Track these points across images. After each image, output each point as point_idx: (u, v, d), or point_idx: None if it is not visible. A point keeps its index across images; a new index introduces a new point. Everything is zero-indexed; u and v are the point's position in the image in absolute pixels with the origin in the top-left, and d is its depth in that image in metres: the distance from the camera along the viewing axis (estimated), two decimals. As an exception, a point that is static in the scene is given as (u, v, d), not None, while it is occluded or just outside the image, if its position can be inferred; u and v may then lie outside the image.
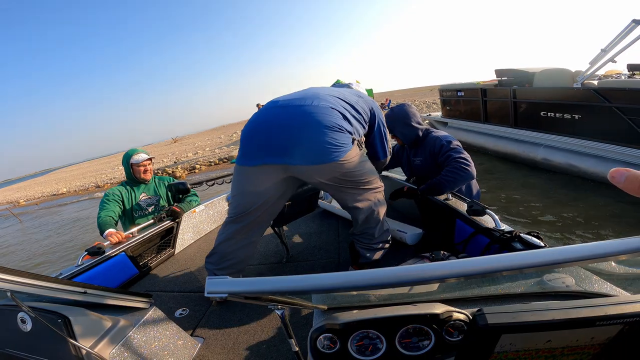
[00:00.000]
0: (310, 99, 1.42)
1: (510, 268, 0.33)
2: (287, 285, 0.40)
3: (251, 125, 1.46)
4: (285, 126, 1.37)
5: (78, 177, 25.79)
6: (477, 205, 1.56)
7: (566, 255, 0.32)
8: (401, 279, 0.36)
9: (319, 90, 1.53)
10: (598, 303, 0.36)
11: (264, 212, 1.53)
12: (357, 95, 1.63)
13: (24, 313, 0.99)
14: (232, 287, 0.41)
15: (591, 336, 0.37)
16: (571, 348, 0.38)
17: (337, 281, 0.38)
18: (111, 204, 2.29)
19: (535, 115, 5.42)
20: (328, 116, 1.35)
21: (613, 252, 0.31)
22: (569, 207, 4.14)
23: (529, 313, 0.36)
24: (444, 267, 0.34)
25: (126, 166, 2.49)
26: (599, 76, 5.06)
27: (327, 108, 1.38)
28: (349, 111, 1.47)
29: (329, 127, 1.33)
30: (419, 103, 22.36)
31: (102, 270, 1.85)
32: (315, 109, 1.37)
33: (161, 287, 2.00)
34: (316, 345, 0.73)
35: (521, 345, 0.38)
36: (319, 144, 1.31)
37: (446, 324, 0.71)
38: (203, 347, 1.39)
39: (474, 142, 7.21)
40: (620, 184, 0.30)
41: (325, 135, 1.31)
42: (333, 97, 1.48)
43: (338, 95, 1.52)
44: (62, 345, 0.97)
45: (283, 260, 2.08)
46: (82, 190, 17.49)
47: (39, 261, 6.81)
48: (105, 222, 2.16)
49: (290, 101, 1.45)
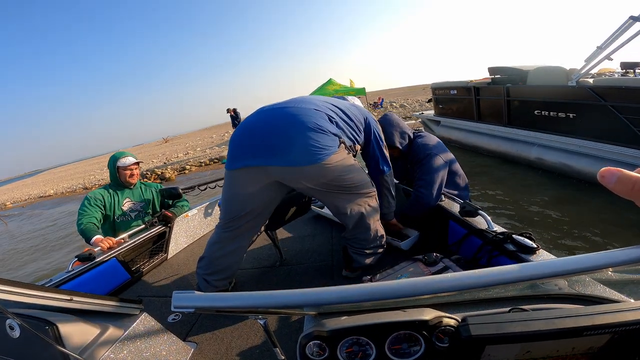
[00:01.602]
0: (296, 102, 1.43)
1: (504, 282, 0.33)
2: (252, 301, 0.40)
3: (238, 131, 1.47)
4: (267, 128, 1.37)
5: (66, 179, 25.45)
6: (470, 206, 1.58)
7: (561, 268, 0.32)
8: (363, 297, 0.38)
9: (308, 96, 1.54)
10: (583, 312, 0.35)
11: (253, 218, 1.53)
12: (350, 104, 1.62)
13: (11, 320, 0.99)
14: (198, 302, 0.40)
15: (572, 346, 0.36)
16: (552, 358, 0.38)
17: (301, 298, 0.39)
18: (92, 209, 2.21)
19: (529, 114, 5.40)
20: (311, 117, 1.34)
21: (614, 263, 0.31)
22: (562, 207, 4.12)
23: (514, 323, 0.36)
24: (434, 282, 0.35)
25: (112, 168, 2.41)
26: (593, 74, 5.00)
27: (311, 110, 1.38)
28: (337, 114, 1.46)
29: (312, 129, 1.31)
30: (412, 102, 22.38)
31: (93, 276, 1.83)
32: (298, 110, 1.37)
33: (154, 292, 2.00)
34: (305, 352, 0.73)
35: (506, 355, 0.38)
36: (301, 145, 1.30)
37: (436, 330, 0.70)
38: (196, 352, 1.39)
39: (466, 140, 7.20)
40: (610, 185, 0.29)
41: (307, 137, 1.30)
42: (321, 101, 1.48)
43: (327, 100, 1.52)
44: (51, 352, 0.98)
45: (277, 263, 2.08)
46: (69, 191, 17.21)
47: (23, 266, 6.65)
48: (89, 229, 2.09)
49: (276, 105, 1.47)
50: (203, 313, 0.37)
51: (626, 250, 0.30)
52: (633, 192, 0.27)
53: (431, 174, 1.83)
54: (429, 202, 1.81)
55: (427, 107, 15.41)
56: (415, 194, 1.84)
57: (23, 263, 6.84)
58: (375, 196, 1.57)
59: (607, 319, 0.34)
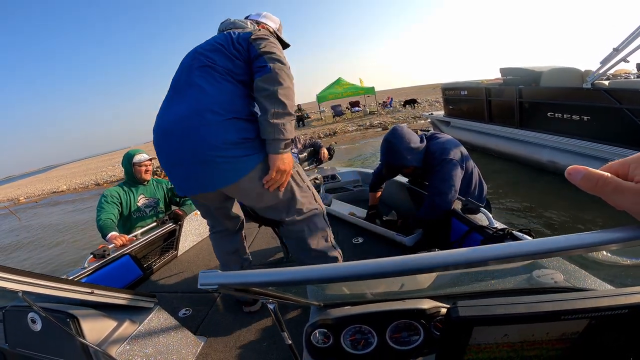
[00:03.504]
0: (188, 112, 1.19)
1: (488, 259, 0.34)
2: (275, 277, 0.41)
3: (158, 155, 1.30)
4: (177, 159, 1.22)
5: (78, 175, 25.94)
6: (472, 203, 1.61)
7: (547, 246, 0.32)
8: (375, 271, 0.37)
9: (194, 89, 1.22)
10: (565, 297, 0.37)
11: (222, 216, 1.56)
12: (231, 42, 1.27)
13: (34, 313, 1.04)
14: (222, 280, 0.42)
15: (546, 331, 0.38)
16: (529, 342, 0.40)
17: (322, 273, 0.39)
18: (110, 206, 2.29)
19: (542, 116, 5.30)
20: (211, 135, 1.15)
21: (597, 243, 0.31)
22: (572, 209, 4.08)
23: (499, 307, 0.37)
24: (429, 258, 0.36)
25: (127, 166, 2.49)
26: (609, 76, 4.90)
27: (209, 125, 1.15)
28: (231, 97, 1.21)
29: (216, 147, 1.15)
30: (422, 101, 22.19)
31: (107, 272, 1.90)
32: (195, 132, 1.15)
33: (165, 288, 2.05)
34: (310, 339, 0.76)
35: (493, 338, 0.39)
36: (209, 169, 1.17)
37: (434, 319, 0.74)
38: (206, 345, 1.43)
39: (477, 142, 7.11)
40: (576, 182, 0.31)
41: (212, 159, 1.15)
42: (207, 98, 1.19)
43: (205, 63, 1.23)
44: (71, 344, 1.01)
45: (284, 260, 2.12)
46: (81, 187, 17.59)
47: (38, 260, 6.80)
48: (106, 225, 2.17)
49: (168, 117, 1.25)
50: (224, 292, 0.40)
51: (619, 229, 0.32)
52: (597, 188, 0.30)
53: (445, 181, 1.77)
54: (443, 210, 1.78)
55: (437, 107, 15.30)
56: (430, 203, 1.80)
57: (37, 257, 7.01)
58: (317, 213, 1.40)
59: (582, 304, 0.36)
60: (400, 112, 18.61)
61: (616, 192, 0.30)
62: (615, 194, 0.30)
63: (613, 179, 0.30)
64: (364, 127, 15.29)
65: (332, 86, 18.40)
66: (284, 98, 1.14)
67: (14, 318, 1.12)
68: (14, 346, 1.14)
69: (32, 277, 0.88)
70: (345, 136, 14.28)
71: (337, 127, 16.04)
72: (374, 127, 15.05)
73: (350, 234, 2.27)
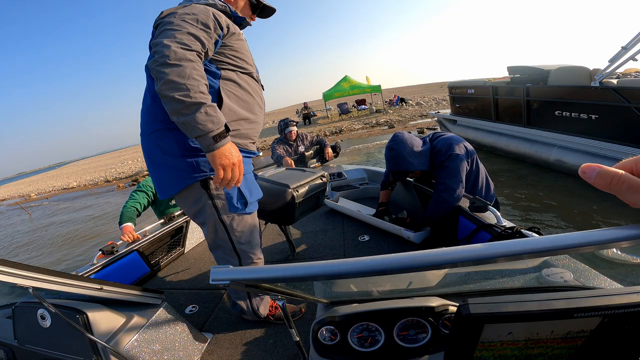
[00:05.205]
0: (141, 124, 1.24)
1: (499, 255, 0.34)
2: (287, 273, 0.41)
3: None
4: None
5: (88, 171, 26.27)
6: (480, 202, 1.59)
7: (555, 244, 0.33)
8: (380, 267, 0.38)
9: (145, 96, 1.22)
10: (576, 295, 0.37)
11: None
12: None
13: (43, 310, 1.05)
14: (234, 275, 0.43)
15: (550, 330, 0.38)
16: (533, 341, 0.39)
17: (335, 268, 0.39)
18: (140, 195, 2.38)
19: (550, 115, 5.25)
20: (156, 148, 1.19)
21: (608, 240, 0.32)
22: (580, 207, 4.04)
23: (511, 304, 0.37)
24: (439, 254, 0.36)
25: None
26: (618, 74, 4.84)
27: (153, 138, 1.19)
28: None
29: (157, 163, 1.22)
30: (429, 99, 22.05)
31: (115, 269, 1.92)
32: (145, 142, 1.23)
33: (172, 284, 2.07)
34: (317, 337, 0.77)
35: (497, 336, 0.39)
36: (163, 177, 1.23)
37: (442, 317, 0.73)
38: (212, 342, 1.44)
39: (483, 141, 7.06)
40: (590, 180, 0.31)
41: (161, 167, 1.21)
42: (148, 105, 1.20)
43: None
44: (80, 340, 1.02)
45: (289, 257, 2.13)
46: (91, 184, 17.78)
47: (48, 256, 6.91)
48: (127, 215, 2.22)
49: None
50: (234, 288, 0.42)
51: (630, 226, 0.32)
52: (611, 186, 0.30)
53: (452, 177, 1.78)
54: (451, 206, 1.78)
55: (444, 106, 15.18)
56: (437, 198, 1.81)
57: (47, 253, 7.12)
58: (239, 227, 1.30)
59: (595, 302, 0.35)
60: (406, 109, 18.52)
61: (631, 190, 0.29)
62: (630, 191, 0.30)
63: (628, 177, 0.30)
64: (370, 125, 15.26)
65: (339, 84, 18.37)
66: (170, 92, 0.94)
67: (24, 314, 1.13)
68: (23, 343, 1.16)
69: (43, 274, 0.90)
70: (351, 134, 14.26)
71: (343, 125, 16.02)
72: (380, 125, 14.99)
73: (357, 232, 2.28)
